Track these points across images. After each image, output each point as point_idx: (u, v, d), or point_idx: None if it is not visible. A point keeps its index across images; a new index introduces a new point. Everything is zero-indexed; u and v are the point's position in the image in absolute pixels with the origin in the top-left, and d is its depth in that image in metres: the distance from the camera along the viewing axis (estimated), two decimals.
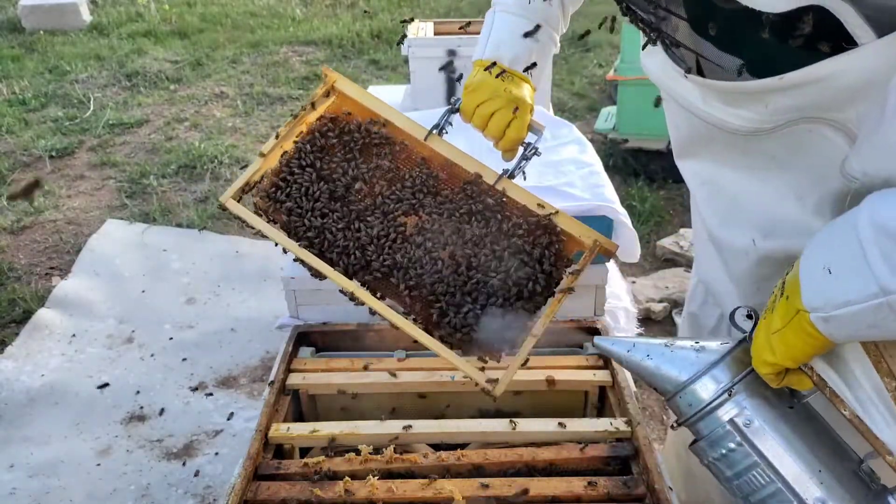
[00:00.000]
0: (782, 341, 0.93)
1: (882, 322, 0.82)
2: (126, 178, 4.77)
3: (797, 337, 0.91)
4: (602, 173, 2.34)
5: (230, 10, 8.39)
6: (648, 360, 1.08)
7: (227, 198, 1.51)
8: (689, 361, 1.04)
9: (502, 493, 1.47)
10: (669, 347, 1.07)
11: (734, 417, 1.00)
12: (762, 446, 0.98)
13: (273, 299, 3.32)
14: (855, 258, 0.82)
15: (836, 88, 0.88)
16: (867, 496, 0.97)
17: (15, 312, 3.49)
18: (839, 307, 0.84)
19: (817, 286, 0.87)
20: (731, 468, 1.01)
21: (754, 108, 0.99)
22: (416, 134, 1.50)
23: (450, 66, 1.51)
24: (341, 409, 1.90)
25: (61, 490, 2.53)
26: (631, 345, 1.11)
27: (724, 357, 1.03)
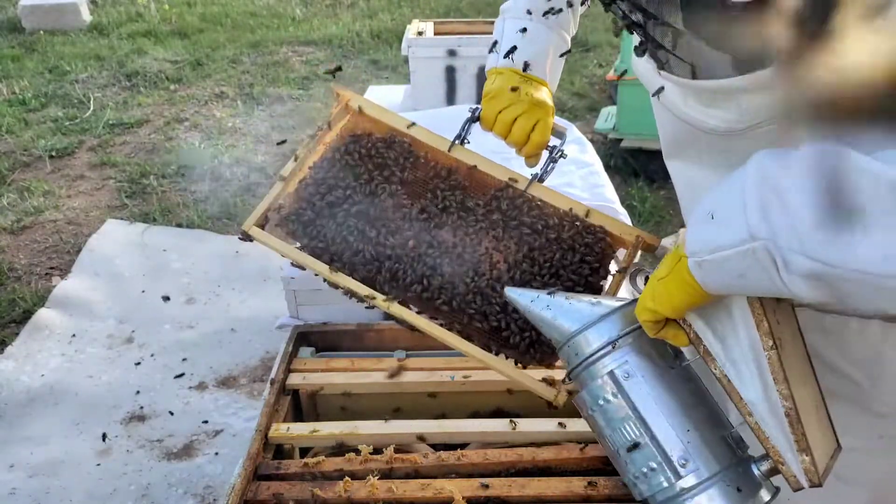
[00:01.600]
0: (664, 288, 0.94)
1: (748, 271, 0.82)
2: (126, 178, 4.76)
3: (676, 284, 0.92)
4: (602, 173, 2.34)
5: (230, 10, 8.39)
6: (547, 310, 1.10)
7: (250, 225, 1.44)
8: (582, 314, 1.07)
9: (502, 493, 1.47)
10: (569, 300, 1.10)
11: (614, 369, 1.02)
12: (636, 399, 1.00)
13: (273, 299, 3.31)
14: (735, 205, 0.82)
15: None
16: (732, 461, 0.99)
17: (15, 312, 3.49)
18: (712, 251, 0.85)
19: (698, 231, 0.89)
20: (606, 420, 1.03)
21: (728, 108, 1.00)
22: (439, 145, 1.46)
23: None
24: (341, 409, 1.91)
25: (61, 490, 2.53)
26: (536, 296, 1.13)
27: (614, 311, 1.05)
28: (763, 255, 0.79)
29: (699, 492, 0.98)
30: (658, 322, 0.98)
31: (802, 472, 0.92)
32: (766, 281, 0.82)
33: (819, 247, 0.76)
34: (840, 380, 1.15)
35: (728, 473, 0.98)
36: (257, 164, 4.92)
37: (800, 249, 0.77)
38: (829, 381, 1.15)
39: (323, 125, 1.48)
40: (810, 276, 0.77)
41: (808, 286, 0.79)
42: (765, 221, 0.79)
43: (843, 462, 1.20)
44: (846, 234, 0.74)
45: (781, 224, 0.78)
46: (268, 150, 5.16)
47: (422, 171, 1.47)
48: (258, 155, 5.04)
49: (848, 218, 0.73)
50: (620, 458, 1.04)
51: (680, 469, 0.98)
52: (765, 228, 0.79)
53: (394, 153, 1.46)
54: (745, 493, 0.98)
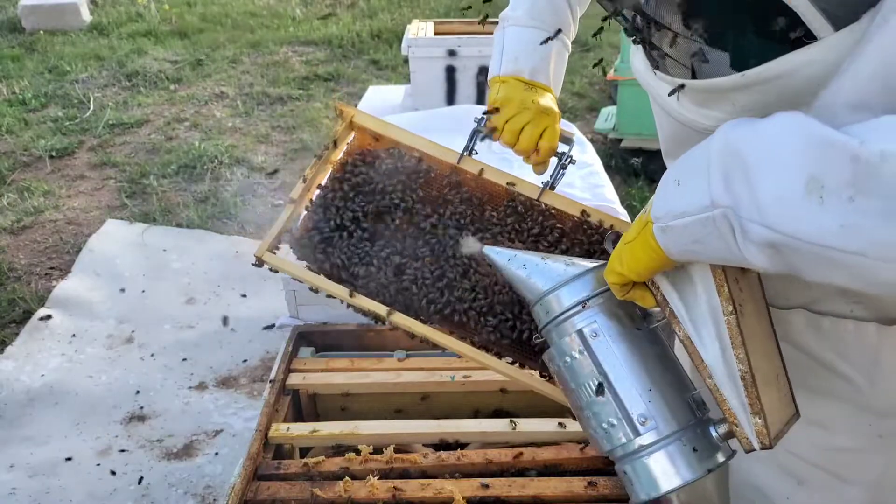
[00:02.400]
0: (630, 252, 0.96)
1: (707, 237, 0.83)
2: (126, 178, 4.77)
3: (642, 249, 0.94)
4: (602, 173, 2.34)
5: (230, 10, 8.39)
6: (522, 269, 1.13)
7: (264, 251, 1.40)
8: (556, 273, 1.09)
9: (502, 493, 1.47)
10: (544, 261, 1.12)
11: (583, 328, 1.04)
12: (601, 357, 1.03)
13: (273, 299, 3.32)
14: (700, 173, 0.83)
15: (797, 84, 0.88)
16: (690, 422, 1.02)
17: (15, 312, 3.49)
18: (676, 217, 0.86)
19: (664, 198, 0.90)
20: (572, 375, 1.06)
21: (722, 108, 1.00)
22: (447, 158, 1.42)
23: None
24: (341, 409, 1.91)
25: (61, 490, 2.53)
26: (513, 255, 1.15)
27: (587, 272, 1.07)
28: (722, 223, 0.80)
29: (656, 449, 1.01)
30: (625, 285, 1.00)
31: (755, 434, 0.95)
32: (723, 249, 0.83)
33: (777, 217, 0.76)
34: (837, 380, 1.15)
35: (686, 433, 1.01)
36: (257, 164, 4.92)
37: (759, 219, 0.77)
38: (826, 381, 1.16)
39: (328, 144, 1.44)
40: (766, 244, 0.78)
41: (764, 255, 0.80)
42: (727, 190, 0.80)
43: (841, 461, 1.21)
44: (805, 205, 0.74)
45: (742, 192, 0.78)
46: (268, 150, 5.16)
47: (433, 186, 1.43)
48: (258, 155, 5.04)
49: (807, 189, 0.74)
50: (583, 412, 1.07)
51: (639, 426, 1.01)
52: (726, 196, 0.80)
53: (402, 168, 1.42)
54: (702, 453, 1.00)
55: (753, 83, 0.91)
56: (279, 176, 4.80)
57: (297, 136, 5.35)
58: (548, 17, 1.41)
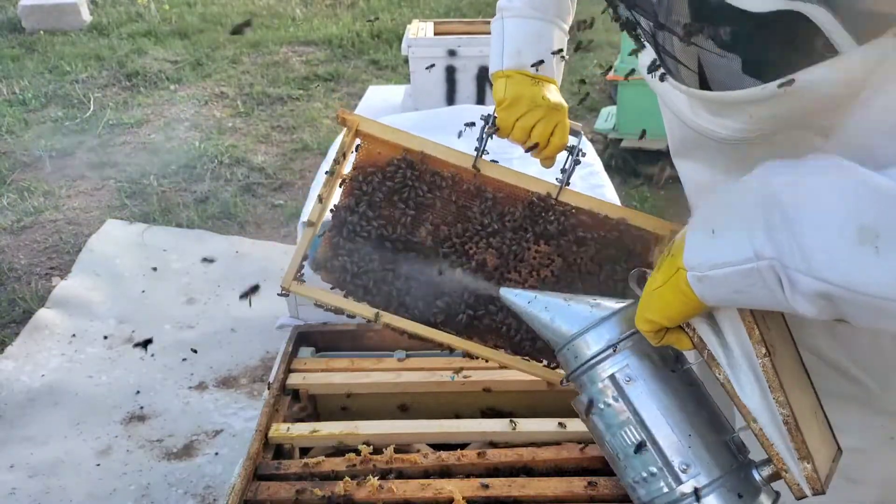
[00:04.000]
0: (660, 298, 0.92)
1: (749, 288, 0.81)
2: (126, 178, 4.76)
3: (673, 295, 0.90)
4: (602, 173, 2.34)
5: (230, 10, 8.39)
6: (545, 312, 1.08)
7: (290, 281, 1.36)
8: (581, 316, 1.05)
9: (502, 493, 1.47)
10: (567, 302, 1.08)
11: (615, 373, 1.00)
12: (637, 403, 0.99)
13: (273, 299, 3.31)
14: (738, 221, 0.81)
15: (817, 97, 0.86)
16: (733, 466, 0.98)
17: (15, 312, 3.49)
18: (713, 268, 0.83)
19: (699, 245, 0.87)
20: (606, 424, 1.02)
21: (738, 118, 0.98)
22: (461, 162, 1.38)
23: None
24: (341, 409, 1.91)
25: (61, 490, 2.53)
26: (533, 297, 1.11)
27: (614, 314, 1.03)
28: (768, 275, 0.78)
29: (700, 497, 0.97)
30: (658, 331, 0.97)
31: (805, 480, 0.91)
32: (768, 298, 0.81)
33: (827, 269, 0.73)
34: (849, 382, 1.13)
35: (729, 479, 0.97)
36: (257, 164, 4.92)
37: (806, 270, 0.75)
38: (837, 384, 1.14)
39: (338, 157, 1.39)
40: (818, 296, 0.76)
41: (815, 306, 0.77)
42: (770, 240, 0.77)
43: (852, 463, 1.20)
44: (858, 256, 0.71)
45: (787, 243, 0.76)
46: (268, 150, 5.16)
47: (452, 192, 1.38)
48: (258, 155, 5.04)
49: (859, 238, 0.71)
50: (620, 462, 1.03)
51: (681, 474, 0.97)
52: (770, 247, 0.77)
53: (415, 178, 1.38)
54: (746, 498, 0.97)
55: (773, 96, 0.88)
56: (279, 176, 4.80)
57: (297, 136, 5.35)
58: (549, 5, 1.38)
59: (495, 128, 1.35)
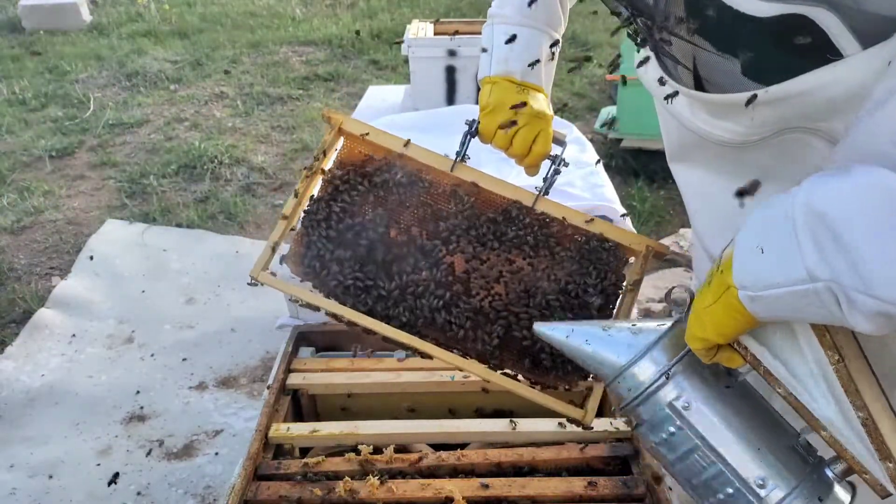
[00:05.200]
0: (712, 317, 0.91)
1: (806, 307, 0.80)
2: (126, 178, 4.76)
3: (726, 313, 0.89)
4: (602, 173, 2.34)
5: (230, 10, 8.39)
6: (587, 345, 1.05)
7: (258, 271, 1.38)
8: (626, 344, 1.02)
9: (502, 493, 1.47)
10: (607, 331, 1.05)
11: (673, 401, 0.98)
12: (702, 428, 0.97)
13: (273, 299, 3.31)
14: (787, 240, 0.79)
15: (821, 101, 0.85)
16: (805, 470, 0.97)
17: (15, 312, 3.49)
18: (766, 288, 0.82)
19: (748, 264, 0.85)
20: (673, 452, 1.00)
21: (740, 121, 0.97)
22: (440, 165, 1.38)
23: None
24: (341, 409, 1.91)
25: (61, 490, 2.53)
26: (570, 330, 1.08)
27: (661, 338, 1.01)
28: (826, 296, 0.76)
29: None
30: (710, 349, 0.95)
31: (888, 479, 0.89)
32: (825, 316, 0.79)
33: (885, 287, 0.71)
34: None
35: (806, 484, 0.95)
36: (257, 164, 4.92)
37: (865, 289, 0.73)
38: None
39: (318, 154, 1.39)
40: (877, 314, 0.74)
41: (874, 324, 0.75)
42: (823, 261, 0.75)
43: None
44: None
45: (841, 263, 0.74)
46: (268, 150, 5.16)
47: (427, 195, 1.39)
48: (258, 155, 5.04)
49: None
50: (694, 487, 1.00)
51: (759, 490, 0.95)
52: (824, 268, 0.75)
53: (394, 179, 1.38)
54: (826, 500, 0.95)
55: (775, 99, 0.88)
56: (279, 176, 4.80)
57: (297, 136, 5.35)
58: (539, 14, 1.37)
59: (476, 132, 1.35)
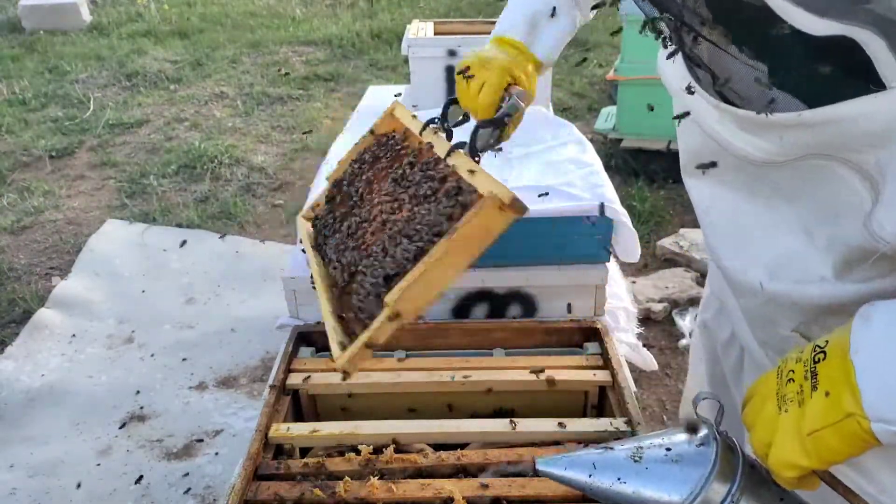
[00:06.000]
0: (821, 444, 0.82)
1: None
2: (126, 178, 4.77)
3: (844, 442, 0.81)
4: (602, 173, 2.33)
5: (230, 10, 8.40)
6: (622, 484, 0.94)
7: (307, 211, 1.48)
8: (673, 478, 0.93)
9: (502, 493, 1.47)
10: (640, 463, 0.95)
11: None
12: None
13: (273, 299, 3.32)
14: None
15: (856, 131, 0.81)
16: None
17: (15, 312, 3.49)
18: None
19: (889, 396, 0.77)
20: None
21: (768, 139, 0.93)
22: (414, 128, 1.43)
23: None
24: (341, 409, 1.91)
25: (61, 490, 2.53)
26: (591, 466, 0.97)
27: (713, 468, 0.92)
28: None
29: None
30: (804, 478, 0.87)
31: None
32: None
33: None
34: None
35: None
36: (257, 164, 4.92)
37: None
38: None
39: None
40: None
41: None
42: None
43: None
44: None
45: None
46: (268, 150, 5.16)
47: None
48: (258, 155, 5.04)
49: None
50: None
51: None
52: None
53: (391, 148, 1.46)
54: None
55: (809, 124, 0.85)
56: (279, 176, 4.80)
57: (297, 136, 5.35)
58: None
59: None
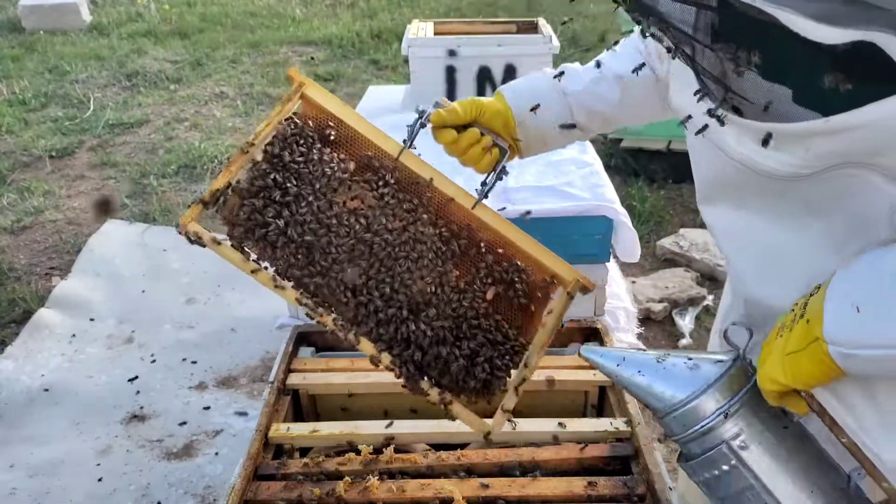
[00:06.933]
0: (796, 364, 0.91)
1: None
2: (126, 178, 4.77)
3: (811, 364, 0.89)
4: (602, 173, 2.34)
5: (230, 10, 8.39)
6: (640, 376, 1.04)
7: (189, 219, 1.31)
8: (683, 380, 1.01)
9: (502, 493, 1.47)
10: (661, 363, 1.04)
11: (730, 440, 0.98)
12: (757, 469, 0.97)
13: (273, 299, 3.30)
14: (886, 302, 0.79)
15: (884, 134, 0.81)
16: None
17: (15, 312, 3.49)
18: (862, 348, 0.83)
19: (842, 321, 0.85)
20: (724, 488, 0.99)
21: (793, 151, 0.91)
22: (388, 148, 1.35)
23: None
24: (341, 409, 1.91)
25: (61, 490, 2.53)
26: (620, 358, 1.07)
27: (721, 377, 1.00)
28: None
29: None
30: (783, 394, 0.95)
31: None
32: None
33: None
34: None
35: None
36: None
37: None
38: None
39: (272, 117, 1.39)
40: None
41: None
42: None
43: None
44: None
45: None
46: None
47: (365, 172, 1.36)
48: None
49: None
50: None
51: None
52: None
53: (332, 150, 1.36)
54: None
55: (837, 130, 0.84)
56: None
57: None
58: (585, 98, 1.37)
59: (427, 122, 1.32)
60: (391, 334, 1.31)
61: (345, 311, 1.32)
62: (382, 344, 1.32)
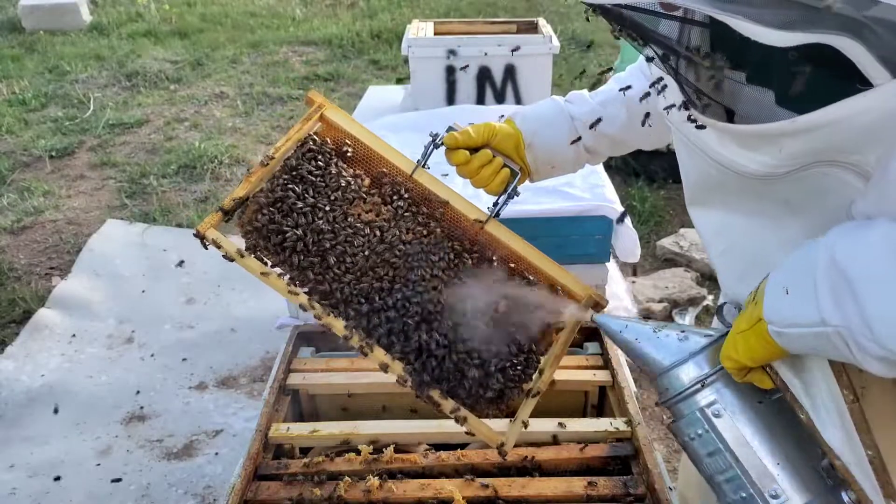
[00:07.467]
0: (745, 342, 0.98)
1: (822, 347, 0.87)
2: (126, 178, 4.77)
3: (757, 341, 0.96)
4: (602, 173, 2.34)
5: (230, 10, 8.39)
6: (637, 342, 1.15)
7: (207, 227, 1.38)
8: (672, 349, 1.11)
9: (502, 493, 1.47)
10: (657, 333, 1.14)
11: (706, 406, 1.06)
12: (726, 435, 1.05)
13: (273, 299, 3.31)
14: (807, 285, 0.85)
15: (850, 131, 0.85)
16: (823, 490, 1.02)
17: (15, 312, 3.49)
18: (789, 326, 0.90)
19: (775, 302, 0.92)
20: (703, 448, 1.08)
21: (768, 152, 0.96)
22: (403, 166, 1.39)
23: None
24: (341, 409, 1.91)
25: (61, 490, 2.53)
26: (624, 325, 1.18)
27: (704, 348, 1.09)
28: (837, 340, 0.83)
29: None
30: (742, 369, 1.02)
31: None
32: (841, 356, 0.86)
33: (887, 338, 0.78)
34: None
35: (819, 502, 1.01)
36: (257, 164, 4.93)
37: (871, 337, 0.79)
38: None
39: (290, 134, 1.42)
40: (883, 360, 0.80)
41: (883, 366, 0.82)
42: (837, 309, 0.81)
43: None
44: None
45: (852, 312, 0.80)
46: (267, 150, 5.16)
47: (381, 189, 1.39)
48: (258, 155, 5.04)
49: None
50: (714, 484, 1.08)
51: (771, 500, 1.02)
52: (837, 315, 0.82)
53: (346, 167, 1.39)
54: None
55: (804, 129, 0.88)
56: None
57: None
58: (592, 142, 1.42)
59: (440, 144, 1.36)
60: (403, 342, 1.33)
61: (358, 319, 1.34)
62: (396, 353, 1.33)
